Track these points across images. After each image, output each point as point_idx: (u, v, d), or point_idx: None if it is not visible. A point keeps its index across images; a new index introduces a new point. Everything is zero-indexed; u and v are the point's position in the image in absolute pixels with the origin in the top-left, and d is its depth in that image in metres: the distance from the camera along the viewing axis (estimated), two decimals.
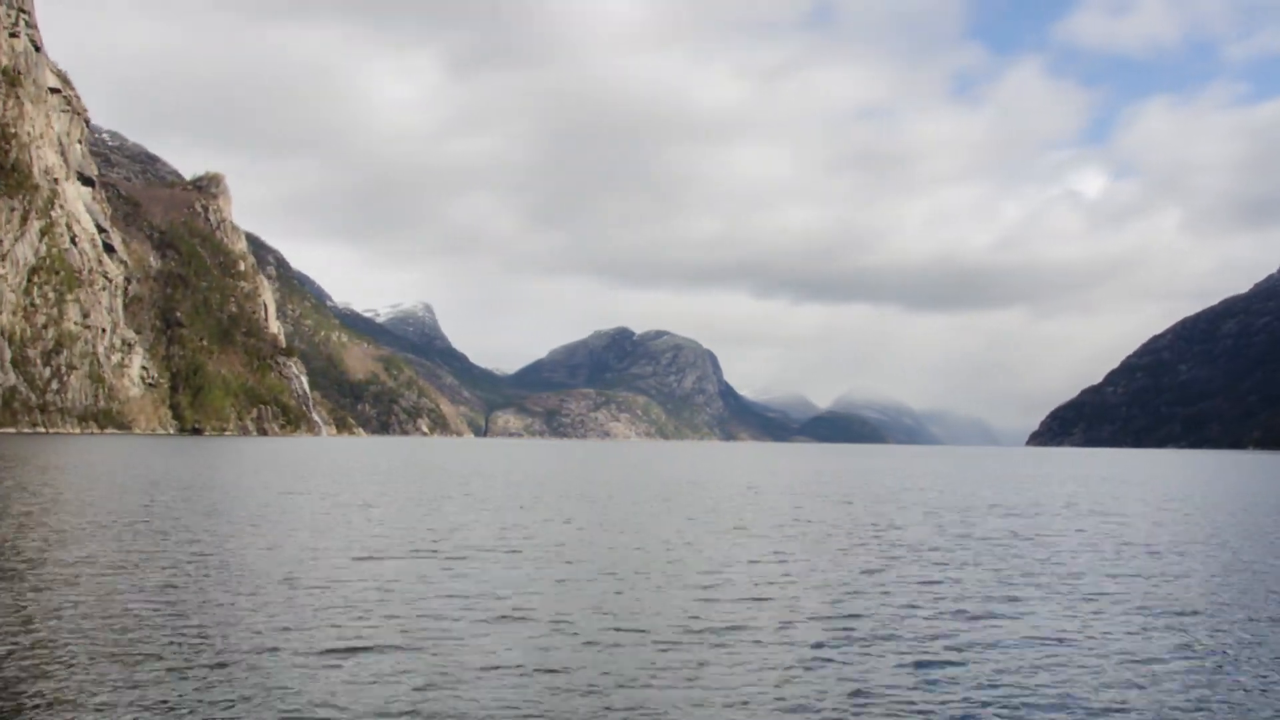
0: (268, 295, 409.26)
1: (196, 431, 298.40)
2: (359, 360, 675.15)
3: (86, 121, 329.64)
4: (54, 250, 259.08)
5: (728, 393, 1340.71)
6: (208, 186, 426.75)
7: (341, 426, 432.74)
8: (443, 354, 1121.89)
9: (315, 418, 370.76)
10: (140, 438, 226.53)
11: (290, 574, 24.40)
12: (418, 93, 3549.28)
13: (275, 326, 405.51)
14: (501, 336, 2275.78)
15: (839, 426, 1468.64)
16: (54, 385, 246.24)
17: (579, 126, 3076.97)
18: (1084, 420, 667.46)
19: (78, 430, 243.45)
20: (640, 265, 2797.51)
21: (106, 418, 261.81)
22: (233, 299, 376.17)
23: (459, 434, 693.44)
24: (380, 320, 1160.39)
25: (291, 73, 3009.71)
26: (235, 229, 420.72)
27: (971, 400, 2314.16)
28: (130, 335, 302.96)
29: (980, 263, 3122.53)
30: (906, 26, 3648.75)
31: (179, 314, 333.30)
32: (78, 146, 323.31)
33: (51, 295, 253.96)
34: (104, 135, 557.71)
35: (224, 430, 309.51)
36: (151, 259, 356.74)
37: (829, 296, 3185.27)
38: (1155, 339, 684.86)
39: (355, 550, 29.12)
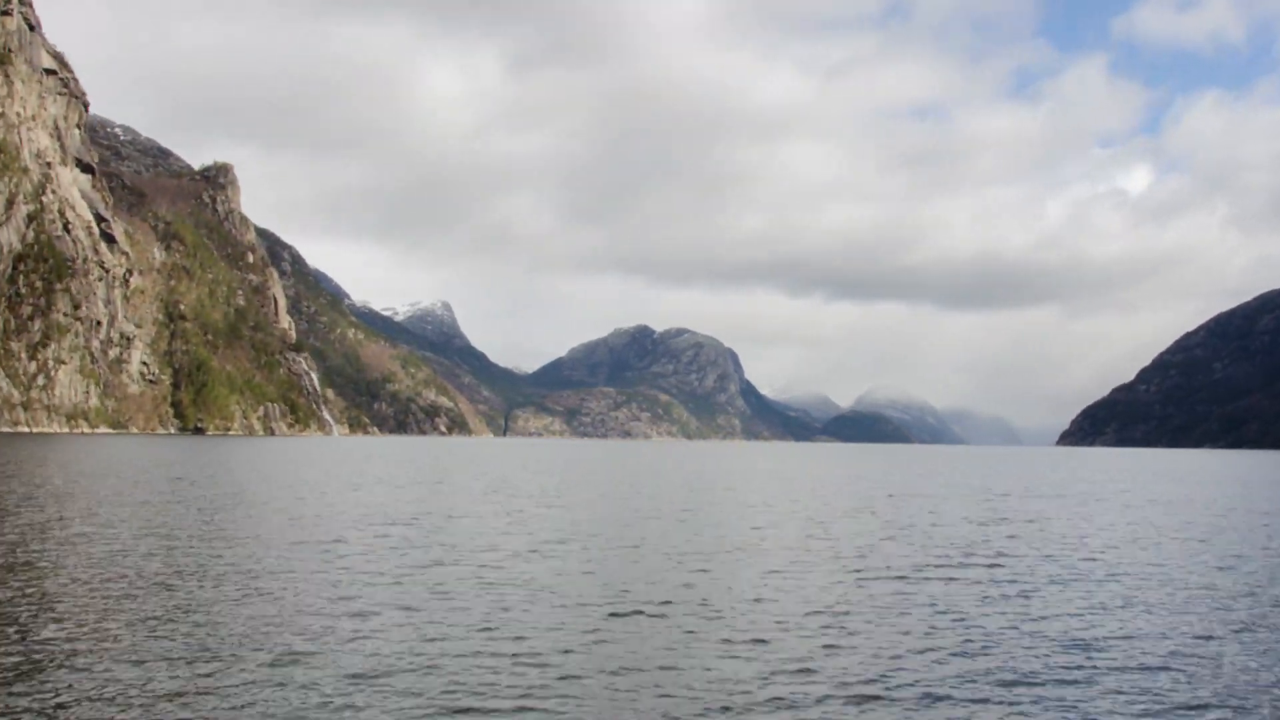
0: (278, 289, 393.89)
1: (199, 431, 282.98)
2: (376, 358, 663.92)
3: (85, 105, 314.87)
4: (43, 237, 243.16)
5: (749, 391, 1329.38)
6: (216, 177, 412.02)
7: (355, 426, 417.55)
8: (461, 353, 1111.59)
9: (326, 416, 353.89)
10: (133, 438, 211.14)
11: None
12: (472, 90, 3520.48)
13: (286, 321, 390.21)
14: (524, 336, 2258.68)
15: (863, 426, 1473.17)
16: (40, 381, 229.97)
17: (632, 123, 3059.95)
18: (1116, 419, 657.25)
19: (66, 429, 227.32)
20: (676, 264, 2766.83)
21: (100, 416, 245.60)
22: (240, 292, 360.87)
23: (478, 434, 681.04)
24: (399, 319, 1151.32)
25: (349, 71, 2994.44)
26: (244, 220, 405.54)
27: (997, 399, 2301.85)
28: (130, 329, 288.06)
29: (1021, 260, 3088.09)
30: (977, 23, 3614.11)
31: (182, 307, 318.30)
32: (76, 132, 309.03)
33: (39, 284, 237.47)
34: (116, 129, 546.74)
35: (228, 429, 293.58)
36: (155, 251, 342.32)
37: (863, 295, 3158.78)
38: (1188, 335, 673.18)
39: None
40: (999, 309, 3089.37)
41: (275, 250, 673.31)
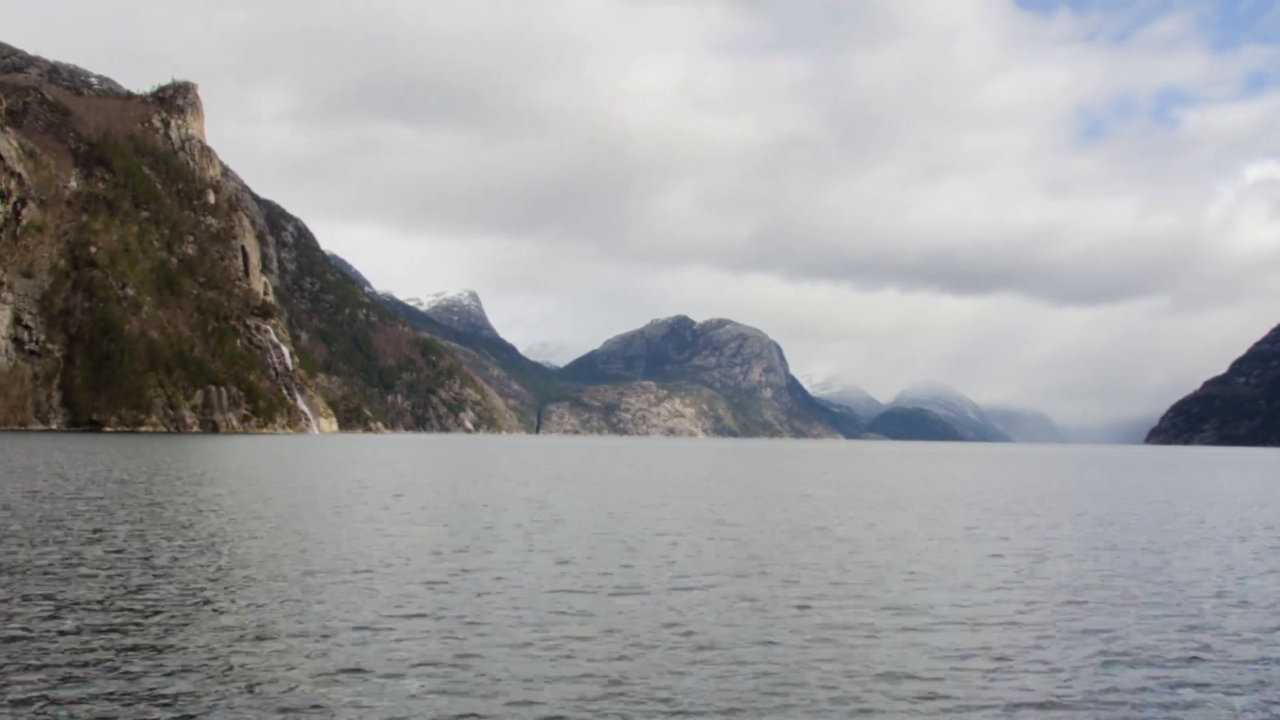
0: (249, 239, 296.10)
1: (94, 426, 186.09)
2: (391, 344, 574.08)
3: None
4: None
5: (794, 387, 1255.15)
6: (173, 98, 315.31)
7: (352, 421, 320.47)
8: (490, 344, 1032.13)
9: (302, 406, 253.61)
10: None
11: None
12: (694, 71, 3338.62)
13: (258, 283, 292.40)
14: (570, 328, 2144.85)
15: (911, 422, 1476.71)
16: None
17: (851, 111, 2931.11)
18: (1214, 415, 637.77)
19: None
20: (807, 260, 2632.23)
21: None
22: (191, 238, 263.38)
23: (508, 431, 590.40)
24: (423, 309, 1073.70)
25: (550, 49, 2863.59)
26: (207, 151, 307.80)
27: (1038, 396, 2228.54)
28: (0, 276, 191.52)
29: (1153, 255, 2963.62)
30: None
31: (94, 250, 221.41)
32: None
33: None
34: (91, 79, 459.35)
35: (140, 424, 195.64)
36: (73, 180, 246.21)
37: (977, 290, 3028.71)
38: None
39: None
40: (1108, 303, 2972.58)
41: (277, 221, 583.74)
